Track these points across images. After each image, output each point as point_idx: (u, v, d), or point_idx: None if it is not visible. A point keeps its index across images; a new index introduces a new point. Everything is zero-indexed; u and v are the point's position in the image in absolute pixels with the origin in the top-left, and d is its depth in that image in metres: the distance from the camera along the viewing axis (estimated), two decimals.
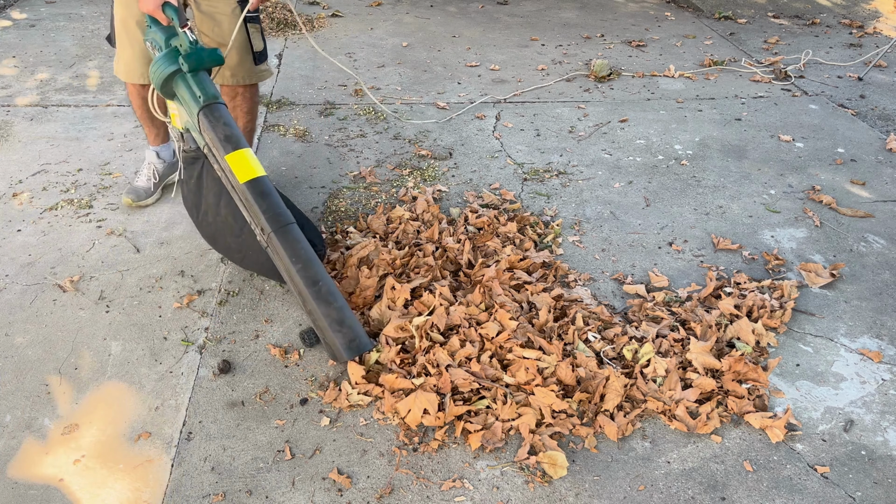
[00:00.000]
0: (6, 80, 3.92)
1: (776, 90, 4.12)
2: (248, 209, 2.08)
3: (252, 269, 2.33)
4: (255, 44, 2.47)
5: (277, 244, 2.02)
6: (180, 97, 2.14)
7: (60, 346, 2.09)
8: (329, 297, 1.98)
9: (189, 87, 2.10)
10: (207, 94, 2.09)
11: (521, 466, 1.76)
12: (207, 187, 2.22)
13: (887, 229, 2.79)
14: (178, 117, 2.20)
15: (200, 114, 2.08)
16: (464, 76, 4.21)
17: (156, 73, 2.11)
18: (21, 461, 1.75)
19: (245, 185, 2.04)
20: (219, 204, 2.20)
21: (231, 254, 2.31)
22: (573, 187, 3.03)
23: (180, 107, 2.16)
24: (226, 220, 2.21)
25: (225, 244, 2.28)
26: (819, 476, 1.77)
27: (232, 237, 2.23)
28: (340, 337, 1.95)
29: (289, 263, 2.00)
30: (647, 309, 2.26)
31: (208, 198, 2.23)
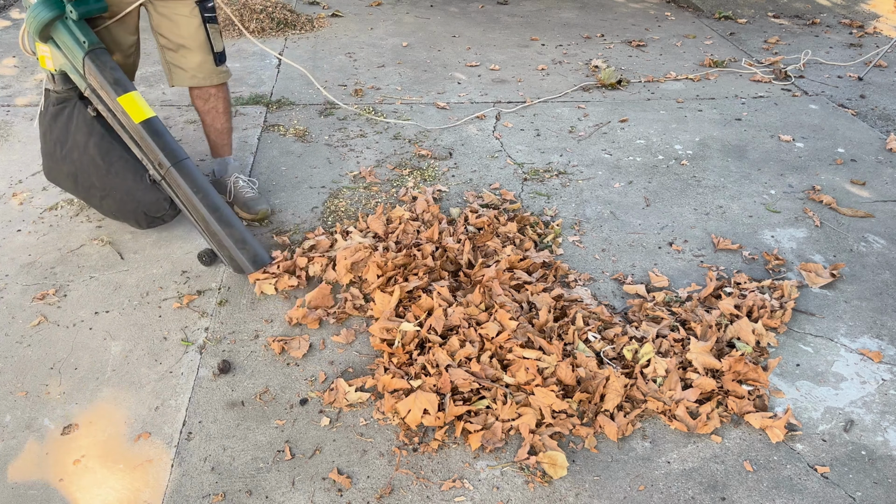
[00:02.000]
0: (6, 80, 3.92)
1: (776, 90, 4.12)
2: (142, 147, 2.29)
3: (108, 209, 2.49)
4: (216, 44, 2.50)
5: (177, 176, 2.28)
6: (60, 42, 2.24)
7: (60, 346, 2.09)
8: (230, 219, 2.31)
9: (72, 32, 2.22)
10: (91, 39, 2.23)
11: (521, 466, 1.76)
12: (77, 127, 2.36)
13: (887, 229, 2.79)
14: (49, 59, 2.30)
15: (86, 58, 2.22)
16: (464, 76, 4.21)
17: (34, 19, 2.18)
18: (21, 461, 1.75)
19: (140, 124, 2.25)
20: (87, 144, 2.35)
21: (90, 193, 2.45)
22: (573, 187, 3.03)
23: (55, 49, 2.26)
24: (93, 160, 2.36)
25: (86, 183, 2.42)
26: (819, 476, 1.77)
27: (97, 176, 2.38)
28: (245, 253, 2.31)
29: (190, 193, 2.28)
30: (647, 309, 2.26)
31: (76, 137, 2.36)
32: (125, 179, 2.37)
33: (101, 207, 2.50)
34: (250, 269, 2.33)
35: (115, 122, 2.31)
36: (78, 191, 2.49)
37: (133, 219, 2.46)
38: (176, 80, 2.55)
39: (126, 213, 2.45)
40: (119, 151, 2.37)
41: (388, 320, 2.10)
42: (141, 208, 2.40)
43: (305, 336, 2.15)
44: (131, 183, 2.37)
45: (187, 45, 2.44)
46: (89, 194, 2.46)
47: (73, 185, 2.47)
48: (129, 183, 2.37)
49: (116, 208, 2.44)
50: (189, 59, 2.49)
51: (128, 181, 2.37)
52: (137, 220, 2.46)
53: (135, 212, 2.42)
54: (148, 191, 2.38)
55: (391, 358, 2.02)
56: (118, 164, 2.36)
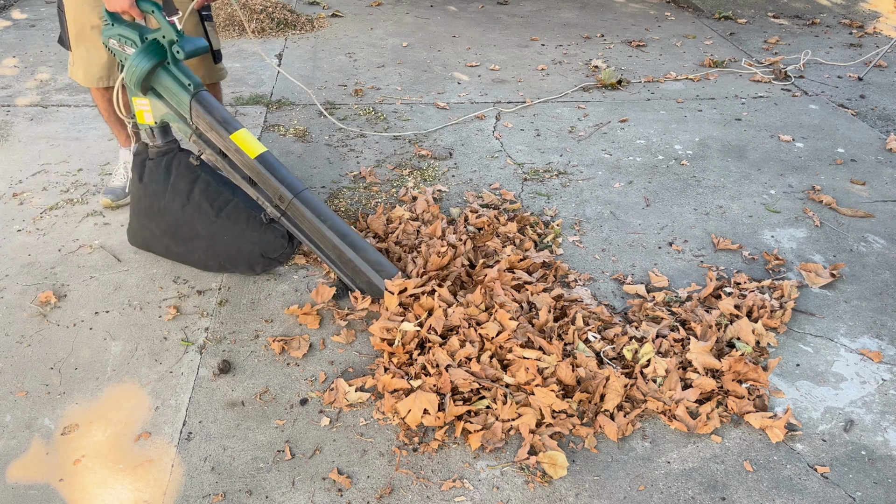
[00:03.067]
0: (6, 80, 3.92)
1: (776, 90, 4.12)
2: (260, 182, 2.22)
3: (214, 259, 2.35)
4: (214, 43, 2.50)
5: (301, 207, 2.21)
6: (164, 89, 2.19)
7: (60, 346, 2.09)
8: (361, 243, 2.24)
9: (175, 77, 2.16)
10: (195, 81, 2.18)
11: (521, 466, 1.76)
12: (178, 176, 2.29)
13: (887, 229, 2.79)
14: (149, 112, 2.24)
15: (193, 101, 2.16)
16: (464, 76, 4.21)
17: (137, 68, 2.12)
18: (21, 461, 1.75)
19: (255, 160, 2.19)
20: (191, 191, 2.28)
21: (192, 245, 2.34)
22: (573, 187, 3.03)
23: (156, 100, 2.21)
24: (199, 207, 2.28)
25: (189, 234, 2.32)
26: (819, 476, 1.77)
27: (203, 224, 2.29)
28: (384, 275, 2.22)
29: (318, 222, 2.21)
30: (647, 309, 2.26)
31: (178, 186, 2.29)
32: (237, 223, 2.28)
33: (206, 258, 2.36)
34: (394, 274, 2.23)
35: (226, 165, 2.24)
36: (176, 246, 2.37)
37: (246, 263, 2.34)
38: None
39: (239, 259, 2.33)
40: (227, 195, 2.30)
41: (389, 320, 2.10)
42: (258, 250, 2.31)
43: (305, 336, 2.15)
44: (244, 225, 2.28)
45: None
46: (191, 247, 2.34)
47: (171, 241, 2.36)
48: (241, 225, 2.28)
49: (226, 254, 2.33)
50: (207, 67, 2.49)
51: (240, 223, 2.28)
52: (252, 263, 2.34)
53: (250, 254, 2.32)
54: (264, 231, 2.30)
55: (391, 358, 2.02)
56: (228, 207, 2.28)
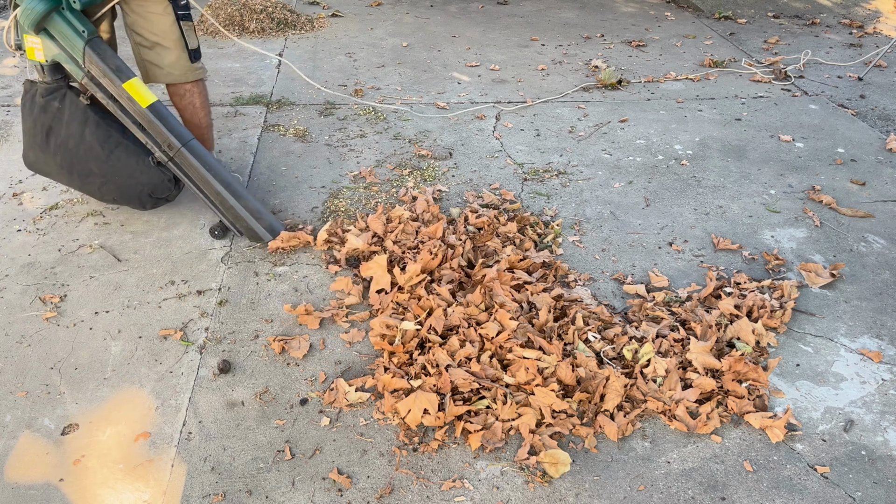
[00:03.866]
0: (6, 80, 3.92)
1: (776, 90, 4.12)
2: (148, 130, 2.37)
3: (108, 194, 2.52)
4: (190, 41, 2.53)
5: (188, 156, 2.39)
6: (56, 32, 2.27)
7: (60, 346, 2.10)
8: (243, 193, 2.48)
9: (69, 22, 2.26)
10: (90, 29, 2.28)
11: (521, 466, 1.76)
12: (70, 117, 2.39)
13: (887, 229, 2.79)
14: (39, 50, 2.32)
15: (87, 47, 2.27)
16: (464, 76, 4.21)
17: (32, 11, 2.20)
18: (21, 461, 1.75)
19: (146, 109, 2.33)
20: (83, 132, 2.39)
21: (87, 180, 2.48)
22: (573, 187, 3.03)
23: (47, 40, 2.29)
24: (90, 148, 2.40)
25: (83, 171, 2.45)
26: (819, 476, 1.77)
27: (96, 164, 2.42)
28: (262, 223, 2.50)
29: (203, 171, 2.41)
30: (647, 309, 2.26)
31: (70, 126, 2.39)
32: (127, 163, 2.42)
33: (101, 193, 2.52)
34: (268, 238, 2.51)
35: (117, 109, 2.36)
36: (72, 180, 2.51)
37: (137, 201, 2.52)
38: (151, 77, 2.57)
39: (129, 197, 2.50)
40: (117, 137, 2.41)
41: (389, 318, 2.10)
42: (146, 190, 2.47)
43: (305, 336, 2.15)
44: (134, 166, 2.42)
45: (162, 42, 2.47)
46: (86, 182, 2.48)
47: (67, 176, 2.49)
48: (131, 166, 2.42)
49: (118, 193, 2.49)
50: (164, 56, 2.50)
51: (130, 164, 2.42)
52: (142, 201, 2.52)
53: (139, 194, 2.48)
54: (152, 173, 2.44)
55: (391, 357, 2.02)
56: (118, 149, 2.41)
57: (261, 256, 2.51)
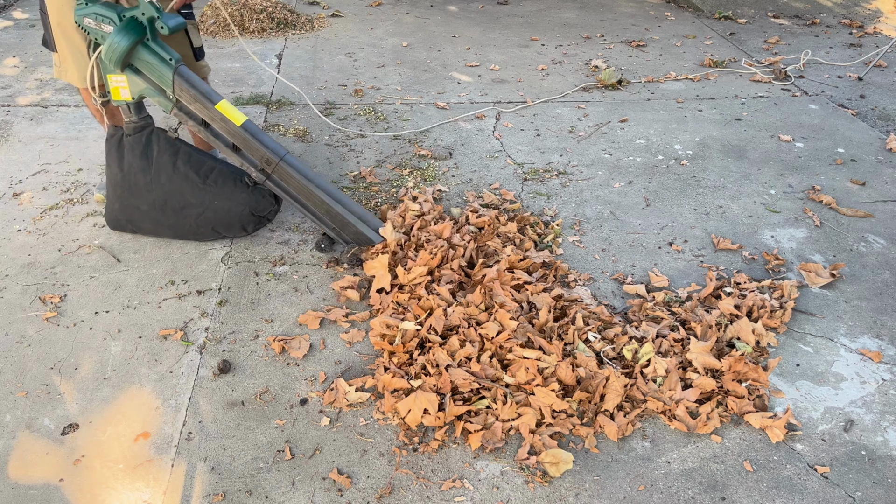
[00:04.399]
0: (6, 80, 3.92)
1: (776, 90, 4.12)
2: (245, 148, 2.34)
3: (206, 225, 2.46)
4: (194, 40, 2.53)
5: (288, 168, 2.36)
6: (145, 64, 2.24)
7: (60, 346, 2.09)
8: (345, 198, 2.45)
9: (156, 53, 2.22)
10: (175, 56, 2.25)
11: (522, 466, 1.76)
12: (160, 151, 2.37)
13: (887, 229, 2.79)
14: (125, 88, 2.28)
15: (175, 75, 2.24)
16: (464, 76, 4.21)
17: (118, 46, 2.16)
18: (21, 461, 1.75)
19: (241, 128, 2.31)
20: (175, 163, 2.36)
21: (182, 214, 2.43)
22: (573, 187, 3.03)
23: (133, 76, 2.26)
24: (186, 177, 2.38)
25: (179, 204, 2.41)
26: (819, 476, 1.77)
27: (192, 193, 2.40)
28: (369, 225, 2.45)
29: (304, 182, 2.37)
30: (647, 309, 2.26)
31: (161, 160, 2.37)
32: (224, 186, 2.40)
33: (197, 226, 2.46)
34: (379, 239, 2.44)
35: (208, 134, 2.36)
36: (166, 218, 2.45)
37: (238, 224, 2.48)
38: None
39: (229, 222, 2.46)
40: (210, 163, 2.40)
41: (389, 318, 2.10)
42: (247, 210, 2.44)
43: (305, 336, 2.15)
44: (232, 187, 2.41)
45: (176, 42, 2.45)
46: (181, 216, 2.44)
47: (160, 214, 2.44)
48: (229, 188, 2.41)
49: (217, 220, 2.45)
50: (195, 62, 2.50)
51: (227, 187, 2.41)
52: (243, 223, 2.48)
53: (240, 215, 2.45)
54: (252, 192, 2.43)
55: (391, 357, 2.02)
56: (213, 173, 2.40)
57: (261, 256, 2.51)
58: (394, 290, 2.26)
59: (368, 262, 2.36)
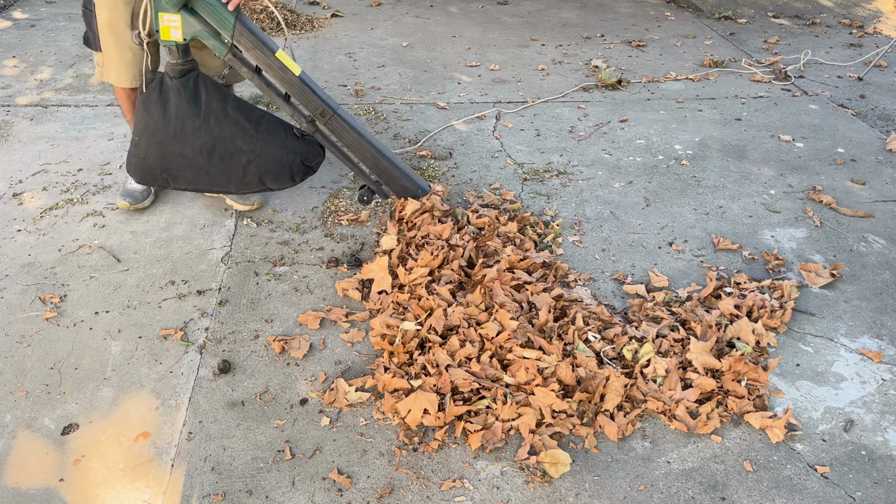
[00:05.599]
0: (6, 80, 3.92)
1: (776, 90, 4.12)
2: (301, 98, 2.35)
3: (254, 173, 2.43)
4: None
5: (342, 120, 2.40)
6: (206, 5, 2.19)
7: (60, 346, 2.10)
8: (394, 156, 2.54)
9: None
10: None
11: (522, 466, 1.76)
12: (209, 94, 2.31)
13: (887, 229, 2.79)
14: (177, 29, 2.22)
15: (238, 20, 2.21)
16: (464, 76, 4.21)
17: None
18: (21, 461, 1.75)
19: (299, 77, 2.32)
20: (225, 108, 2.32)
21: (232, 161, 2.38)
22: (573, 187, 3.03)
23: (189, 17, 2.20)
24: (237, 123, 2.33)
25: (229, 151, 2.36)
26: (819, 476, 1.77)
27: (244, 139, 2.35)
28: (416, 180, 2.59)
29: (357, 134, 2.43)
30: (647, 309, 2.26)
31: (211, 104, 2.31)
32: (277, 133, 2.39)
33: (244, 174, 2.42)
34: (426, 192, 2.60)
35: (261, 82, 2.34)
36: (212, 165, 2.37)
37: (288, 173, 2.46)
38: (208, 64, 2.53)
39: (279, 170, 2.44)
40: (259, 110, 2.38)
41: (389, 318, 2.10)
42: (299, 158, 2.44)
43: (305, 336, 2.15)
44: (284, 135, 2.40)
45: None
46: (229, 164, 2.38)
47: (206, 161, 2.36)
48: (281, 136, 2.39)
49: (267, 168, 2.41)
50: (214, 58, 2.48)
51: (280, 134, 2.39)
52: (293, 172, 2.46)
53: (291, 164, 2.43)
54: (302, 141, 2.43)
55: (391, 357, 2.02)
56: (264, 120, 2.37)
57: (261, 256, 2.51)
58: (394, 291, 2.26)
59: (367, 266, 2.36)
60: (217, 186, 2.49)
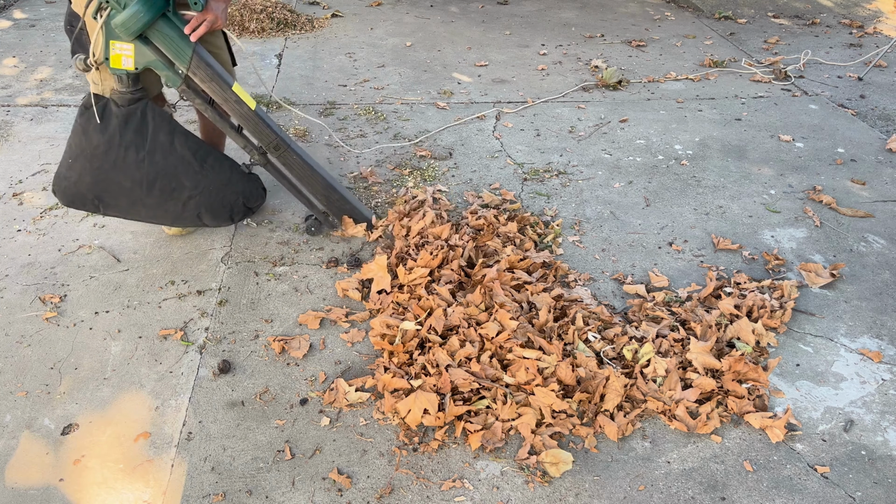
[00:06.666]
0: (6, 80, 3.92)
1: (776, 90, 4.12)
2: (256, 131, 2.35)
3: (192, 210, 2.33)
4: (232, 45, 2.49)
5: (295, 154, 2.42)
6: (162, 37, 2.11)
7: (60, 346, 2.10)
8: (343, 188, 2.61)
9: (176, 26, 2.11)
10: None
11: (522, 466, 1.76)
12: (157, 126, 2.23)
13: (887, 229, 2.79)
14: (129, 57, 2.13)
15: (194, 52, 2.15)
16: (464, 76, 4.21)
17: (142, 16, 2.02)
18: (21, 461, 1.75)
19: (254, 111, 2.31)
20: (172, 142, 2.25)
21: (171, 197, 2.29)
22: (573, 187, 3.03)
23: (143, 47, 2.11)
24: (183, 159, 2.26)
25: (169, 186, 2.27)
26: (819, 476, 1.77)
27: (188, 175, 2.27)
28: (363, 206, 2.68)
29: (307, 166, 2.46)
30: (647, 309, 2.26)
31: (158, 137, 2.23)
32: (222, 172, 2.33)
33: (183, 211, 2.34)
34: (370, 216, 2.67)
35: (214, 114, 2.30)
36: (150, 198, 2.29)
37: (227, 214, 2.39)
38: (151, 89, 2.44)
39: (219, 209, 2.36)
40: (206, 147, 2.33)
41: (389, 318, 2.10)
42: (241, 199, 2.39)
43: (305, 336, 2.15)
44: (229, 173, 2.35)
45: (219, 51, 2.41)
46: (169, 199, 2.29)
47: (144, 193, 2.27)
48: (226, 174, 2.34)
49: (207, 206, 2.34)
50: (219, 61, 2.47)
51: (224, 172, 2.34)
52: (233, 212, 2.40)
53: (233, 204, 2.38)
54: (248, 181, 2.40)
55: (391, 357, 2.02)
56: (211, 157, 2.32)
57: (261, 256, 2.51)
58: (394, 291, 2.26)
59: (366, 266, 2.36)
60: (152, 218, 2.39)
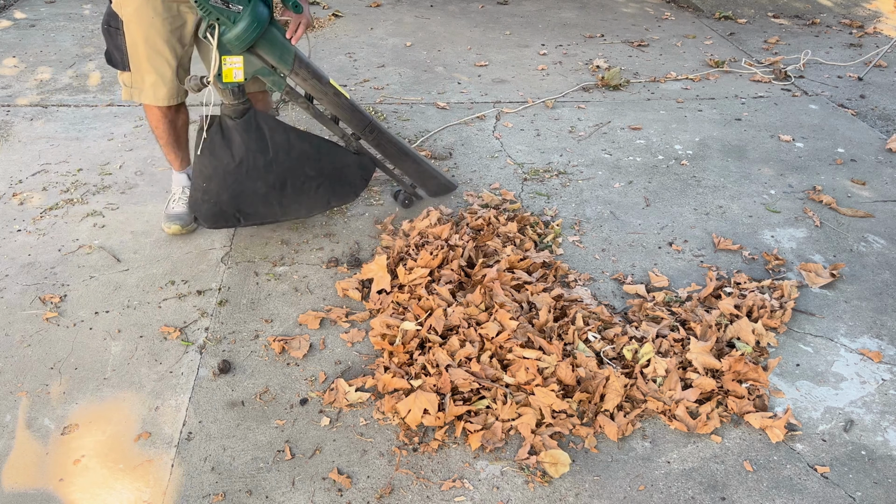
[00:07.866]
0: (6, 80, 3.92)
1: (776, 90, 4.12)
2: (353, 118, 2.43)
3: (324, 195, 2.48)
4: None
5: (383, 135, 2.52)
6: (271, 44, 2.14)
7: (60, 346, 2.10)
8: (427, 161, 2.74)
9: (281, 30, 2.19)
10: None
11: (522, 466, 1.76)
12: (272, 129, 2.29)
13: (887, 229, 2.79)
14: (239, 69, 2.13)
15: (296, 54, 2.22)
16: (464, 76, 4.21)
17: (257, 26, 2.03)
18: (21, 461, 1.75)
19: (349, 100, 2.39)
20: (289, 139, 2.33)
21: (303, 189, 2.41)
22: (573, 187, 3.03)
23: (250, 56, 2.14)
24: (303, 152, 2.36)
25: (300, 180, 2.39)
26: (819, 476, 1.77)
27: (311, 165, 2.39)
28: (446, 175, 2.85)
29: (398, 143, 2.58)
30: (647, 309, 2.26)
31: (276, 139, 2.30)
32: (336, 153, 2.46)
33: (316, 197, 2.47)
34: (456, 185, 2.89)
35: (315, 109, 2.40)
36: (285, 197, 2.38)
37: (351, 190, 2.55)
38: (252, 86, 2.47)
39: (345, 186, 2.53)
40: (314, 135, 2.43)
41: (389, 318, 2.10)
42: (359, 173, 2.53)
43: (305, 336, 2.15)
44: (342, 154, 2.48)
45: None
46: (301, 191, 2.41)
47: (279, 195, 2.36)
48: (339, 152, 2.47)
49: (334, 187, 2.49)
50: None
51: (339, 153, 2.47)
52: (355, 188, 2.56)
53: (353, 178, 2.52)
54: (357, 157, 2.52)
55: (391, 357, 2.02)
56: (323, 144, 2.43)
57: (261, 256, 2.51)
58: (394, 291, 2.26)
59: (366, 265, 2.36)
60: (288, 215, 2.50)
